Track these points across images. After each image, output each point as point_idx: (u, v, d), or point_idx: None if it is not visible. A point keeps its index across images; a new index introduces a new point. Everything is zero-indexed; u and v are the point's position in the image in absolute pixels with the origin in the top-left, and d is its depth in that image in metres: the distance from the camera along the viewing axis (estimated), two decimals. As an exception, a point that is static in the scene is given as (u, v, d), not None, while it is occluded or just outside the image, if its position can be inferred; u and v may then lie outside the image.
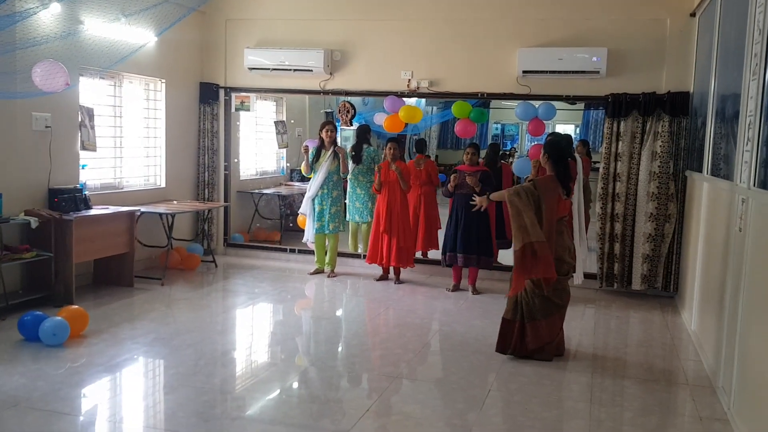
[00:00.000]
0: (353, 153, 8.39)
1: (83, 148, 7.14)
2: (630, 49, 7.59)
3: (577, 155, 7.43)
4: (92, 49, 6.72)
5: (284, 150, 10.94)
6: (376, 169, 7.83)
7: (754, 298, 4.08)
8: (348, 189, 8.60)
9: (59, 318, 5.41)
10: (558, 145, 5.48)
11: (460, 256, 7.37)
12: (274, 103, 10.95)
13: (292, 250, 9.12)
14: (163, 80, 8.42)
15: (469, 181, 7.13)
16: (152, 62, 8.12)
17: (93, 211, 6.83)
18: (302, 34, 8.61)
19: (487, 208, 7.48)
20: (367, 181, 8.40)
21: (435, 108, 15.31)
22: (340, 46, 8.53)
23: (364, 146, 8.44)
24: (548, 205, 5.19)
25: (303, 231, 8.41)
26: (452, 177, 7.34)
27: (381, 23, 8.40)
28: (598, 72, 7.49)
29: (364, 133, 8.56)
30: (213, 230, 9.19)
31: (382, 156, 8.05)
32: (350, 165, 8.35)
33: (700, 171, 6.38)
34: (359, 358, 5.52)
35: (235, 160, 9.49)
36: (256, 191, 10.10)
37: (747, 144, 4.38)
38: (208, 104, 9.02)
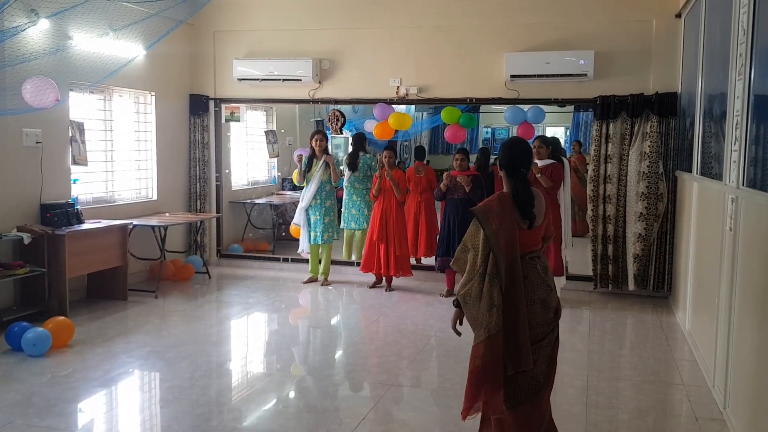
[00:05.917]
0: (349, 160, 8.40)
1: (74, 162, 7.14)
2: (617, 51, 7.62)
3: (564, 159, 7.47)
4: (82, 65, 6.74)
5: (275, 159, 10.96)
6: (376, 174, 7.83)
7: (747, 297, 4.10)
8: (344, 196, 8.61)
9: (41, 329, 5.47)
10: (510, 152, 3.52)
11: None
12: (264, 113, 10.97)
13: (285, 260, 9.12)
14: (153, 93, 8.42)
15: (461, 180, 7.19)
16: (142, 75, 8.12)
17: (85, 226, 6.83)
18: (290, 43, 8.63)
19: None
20: (363, 188, 8.41)
21: (425, 114, 15.34)
22: (329, 55, 8.55)
23: (360, 154, 8.45)
24: (504, 237, 3.31)
25: (296, 240, 8.42)
26: (444, 175, 7.36)
27: (369, 31, 8.42)
28: (585, 75, 7.52)
29: (360, 141, 8.57)
30: (206, 241, 9.18)
31: (378, 164, 8.05)
32: (346, 172, 8.36)
33: (690, 171, 6.41)
34: (355, 367, 5.52)
35: (227, 171, 9.49)
36: (248, 201, 10.11)
37: (735, 143, 4.41)
38: (198, 116, 9.03)
